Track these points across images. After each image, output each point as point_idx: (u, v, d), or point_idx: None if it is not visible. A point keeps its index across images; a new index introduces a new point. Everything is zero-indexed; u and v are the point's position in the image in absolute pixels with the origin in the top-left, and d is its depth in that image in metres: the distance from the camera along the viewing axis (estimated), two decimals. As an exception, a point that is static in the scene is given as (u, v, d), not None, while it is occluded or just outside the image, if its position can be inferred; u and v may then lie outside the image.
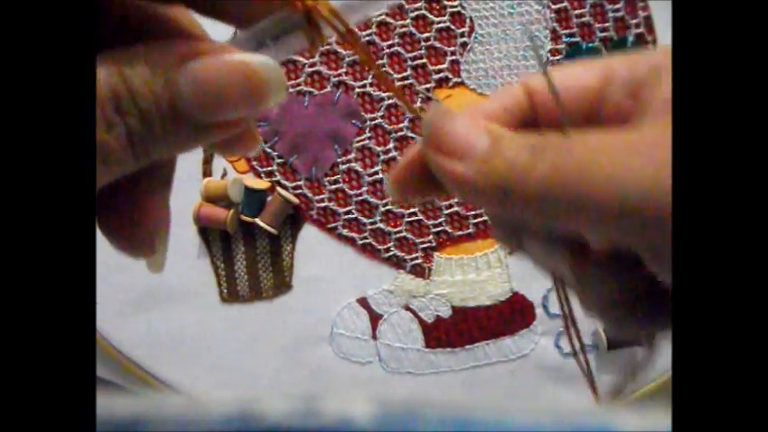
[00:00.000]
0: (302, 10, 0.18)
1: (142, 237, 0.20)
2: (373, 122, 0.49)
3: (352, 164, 0.49)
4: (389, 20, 0.49)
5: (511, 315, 0.51)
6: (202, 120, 0.17)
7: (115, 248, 0.20)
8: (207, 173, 0.49)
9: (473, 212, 0.50)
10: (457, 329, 0.50)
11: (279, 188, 0.49)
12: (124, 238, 0.20)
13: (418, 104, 0.49)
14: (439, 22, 0.49)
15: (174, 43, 0.17)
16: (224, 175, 0.49)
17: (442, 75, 0.49)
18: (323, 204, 0.49)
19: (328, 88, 0.49)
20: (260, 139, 0.21)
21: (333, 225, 0.50)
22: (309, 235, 0.50)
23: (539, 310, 0.51)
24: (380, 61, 0.49)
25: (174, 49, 0.17)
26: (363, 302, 0.50)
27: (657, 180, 0.16)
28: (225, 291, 0.50)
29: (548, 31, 0.50)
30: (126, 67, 0.16)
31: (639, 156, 0.17)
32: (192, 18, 0.19)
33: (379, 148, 0.49)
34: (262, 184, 0.49)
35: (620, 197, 0.17)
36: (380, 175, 0.49)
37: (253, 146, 0.20)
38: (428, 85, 0.49)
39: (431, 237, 0.50)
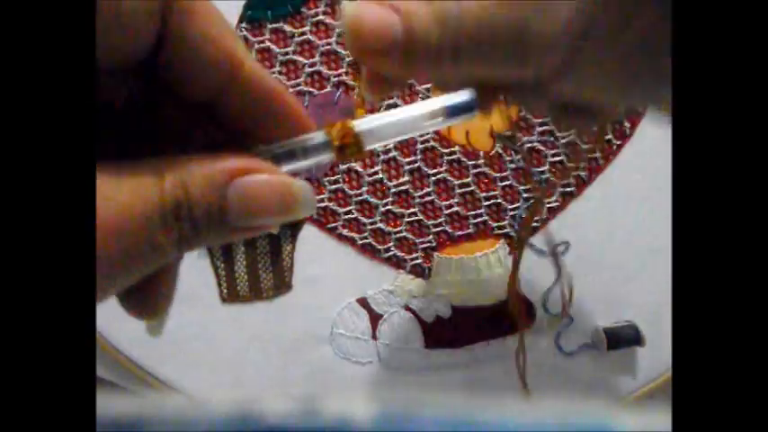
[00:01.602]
0: (336, 137, 0.22)
1: (149, 302, 0.23)
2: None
3: (352, 164, 0.49)
4: (389, 20, 0.49)
5: (511, 315, 0.51)
6: (242, 225, 0.20)
7: (121, 306, 0.22)
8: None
9: (473, 212, 0.50)
10: (457, 329, 0.50)
11: (279, 188, 0.49)
12: (132, 300, 0.22)
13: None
14: (439, 22, 0.49)
15: (225, 158, 0.20)
16: (224, 175, 0.49)
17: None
18: (323, 204, 0.49)
19: (328, 88, 0.49)
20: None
21: (333, 225, 0.50)
22: (309, 235, 0.50)
23: (539, 310, 0.51)
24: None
25: (226, 163, 0.19)
26: (363, 302, 0.50)
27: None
28: (225, 291, 0.50)
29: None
30: (188, 180, 0.19)
31: None
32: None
33: (379, 149, 0.49)
34: (262, 184, 0.49)
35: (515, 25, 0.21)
36: (380, 175, 0.49)
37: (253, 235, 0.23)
38: (428, 86, 0.49)
39: (431, 237, 0.50)
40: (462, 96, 0.23)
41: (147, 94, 0.21)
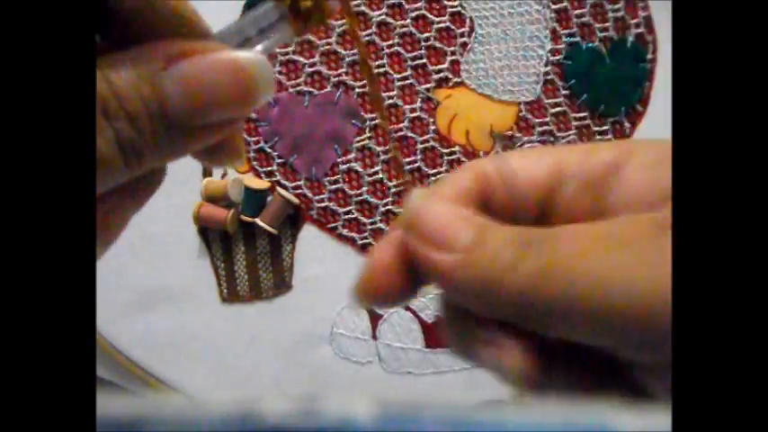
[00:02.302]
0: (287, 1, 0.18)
1: None
2: (373, 122, 0.49)
3: (352, 164, 0.49)
4: (389, 20, 0.49)
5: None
6: (192, 122, 0.17)
7: None
8: (207, 173, 0.49)
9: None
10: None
11: (279, 188, 0.49)
12: None
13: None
14: (439, 22, 0.49)
15: (159, 45, 0.17)
16: (224, 175, 0.49)
17: (441, 75, 0.49)
18: (323, 204, 0.49)
19: (328, 88, 0.49)
20: (243, 151, 0.20)
21: (333, 225, 0.50)
22: (309, 235, 0.50)
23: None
24: (381, 61, 0.49)
25: (159, 50, 0.17)
26: (363, 302, 0.50)
27: (651, 280, 0.16)
28: (225, 291, 0.50)
29: (548, 32, 0.50)
30: (111, 72, 0.16)
31: (628, 250, 0.16)
32: (189, 6, 0.19)
33: (379, 148, 0.49)
34: (262, 184, 0.49)
35: (610, 300, 0.16)
36: (380, 175, 0.49)
37: (236, 157, 0.20)
38: (428, 85, 0.49)
39: (431, 237, 0.50)
40: None
41: None
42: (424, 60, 0.49)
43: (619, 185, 0.19)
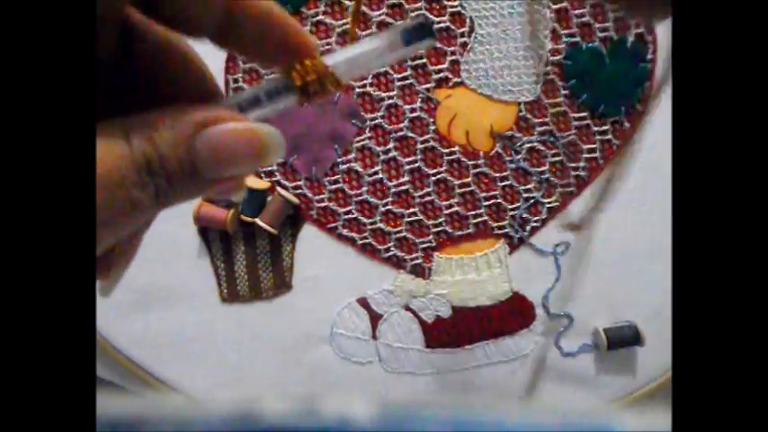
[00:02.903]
0: (297, 78, 0.22)
1: (107, 263, 0.23)
2: (373, 122, 0.49)
3: (352, 164, 0.49)
4: (389, 20, 0.49)
5: (511, 315, 0.51)
6: (215, 176, 0.20)
7: None
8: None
9: (473, 212, 0.50)
10: (457, 329, 0.50)
11: (279, 188, 0.49)
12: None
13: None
14: (439, 22, 0.49)
15: (190, 110, 0.20)
16: (224, 175, 0.49)
17: (441, 75, 0.49)
18: (323, 204, 0.49)
19: (328, 88, 0.49)
20: (244, 186, 0.24)
21: (333, 225, 0.50)
22: (309, 235, 0.50)
23: (539, 310, 0.51)
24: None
25: (192, 116, 0.20)
26: (363, 302, 0.50)
27: None
28: (225, 291, 0.50)
29: (548, 31, 0.50)
30: (155, 135, 0.19)
31: None
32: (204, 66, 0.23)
33: (379, 148, 0.49)
34: (262, 184, 0.49)
35: None
36: (380, 175, 0.49)
37: (239, 191, 0.24)
38: (428, 85, 0.49)
39: (431, 237, 0.50)
40: (417, 22, 0.22)
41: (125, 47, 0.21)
42: (424, 60, 0.49)
43: None
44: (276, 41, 0.22)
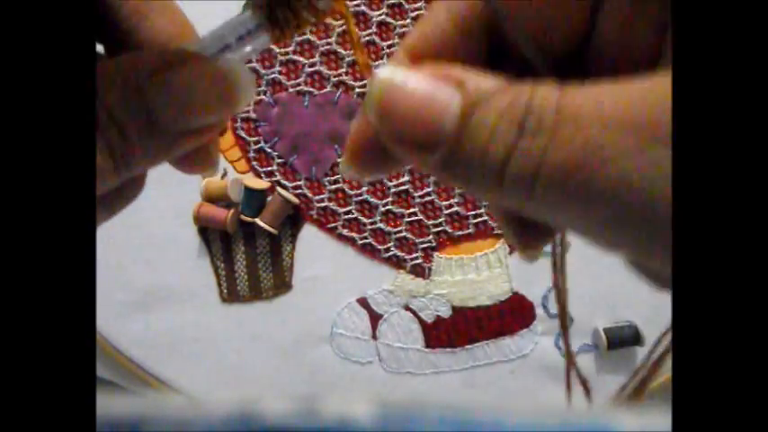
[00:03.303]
0: (265, 9, 0.18)
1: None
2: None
3: (352, 164, 0.49)
4: (389, 20, 0.49)
5: (511, 315, 0.51)
6: (176, 127, 0.17)
7: None
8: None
9: (473, 212, 0.50)
10: (457, 329, 0.50)
11: (279, 188, 0.49)
12: None
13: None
14: (439, 22, 0.49)
15: (144, 55, 0.18)
16: (224, 175, 0.49)
17: None
18: (323, 204, 0.49)
19: (328, 88, 0.49)
20: (218, 159, 0.21)
21: (333, 225, 0.50)
22: (309, 235, 0.50)
23: (539, 310, 0.51)
24: (380, 61, 0.49)
25: (144, 60, 0.17)
26: (363, 302, 0.50)
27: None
28: (225, 291, 0.50)
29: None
30: (100, 85, 0.17)
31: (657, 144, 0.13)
32: (181, 15, 0.20)
33: (379, 148, 0.49)
34: (262, 184, 0.49)
35: (629, 203, 0.14)
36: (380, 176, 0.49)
37: (211, 165, 0.21)
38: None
39: (431, 237, 0.50)
40: None
41: None
42: (424, 60, 0.49)
43: None
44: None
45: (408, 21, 0.49)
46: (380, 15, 0.48)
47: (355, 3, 0.48)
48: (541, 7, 0.16)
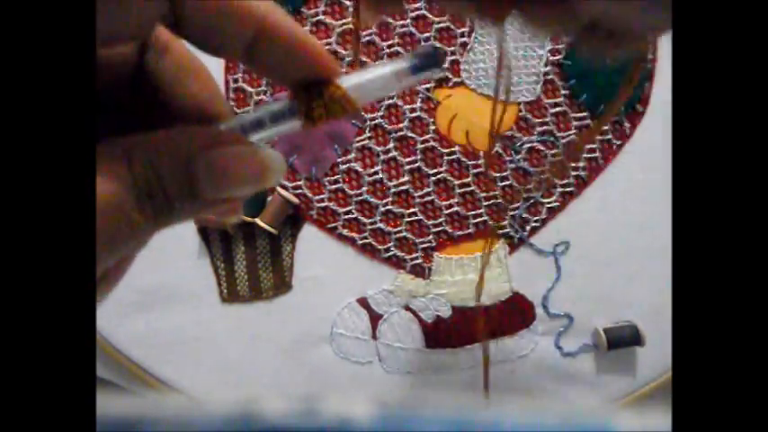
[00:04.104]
0: (303, 102, 0.21)
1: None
2: (373, 122, 0.49)
3: (352, 164, 0.49)
4: (389, 20, 0.49)
5: (511, 315, 0.51)
6: (213, 197, 0.20)
7: None
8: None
9: (473, 212, 0.50)
10: (457, 329, 0.50)
11: (279, 188, 0.49)
12: None
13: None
14: (439, 22, 0.49)
15: (192, 131, 0.20)
16: (224, 175, 0.49)
17: (441, 75, 0.49)
18: (323, 204, 0.49)
19: (328, 88, 0.49)
20: (241, 211, 0.24)
21: (333, 225, 0.50)
22: (309, 235, 0.50)
23: (539, 310, 0.51)
24: (380, 61, 0.49)
25: (193, 139, 0.20)
26: (363, 302, 0.50)
27: None
28: (225, 291, 0.50)
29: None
30: (155, 158, 0.19)
31: None
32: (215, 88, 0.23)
33: (379, 148, 0.49)
34: (262, 184, 0.49)
35: None
36: (380, 175, 0.49)
37: (235, 215, 0.24)
38: (428, 85, 0.49)
39: (431, 237, 0.50)
40: (425, 51, 0.22)
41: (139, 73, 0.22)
42: (424, 60, 0.49)
43: None
44: (299, 64, 0.22)
45: (408, 21, 0.49)
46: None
47: (355, 2, 0.48)
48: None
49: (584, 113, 0.50)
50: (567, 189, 0.51)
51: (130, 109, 0.22)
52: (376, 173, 0.49)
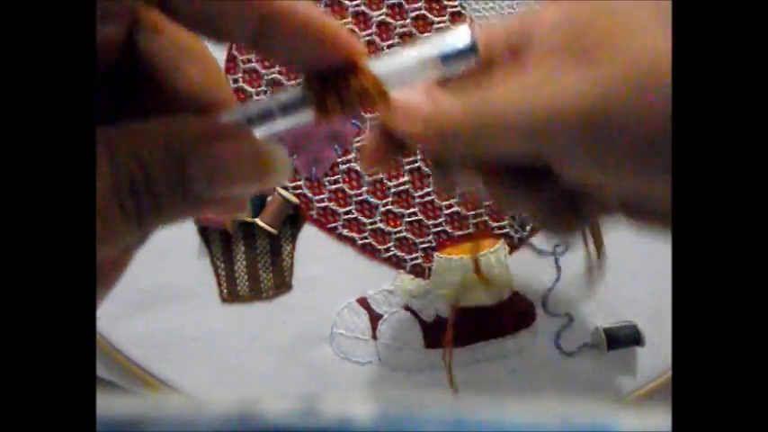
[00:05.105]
0: (317, 92, 0.19)
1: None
2: (373, 122, 0.49)
3: (352, 164, 0.49)
4: (389, 20, 0.49)
5: (511, 315, 0.51)
6: (207, 196, 0.18)
7: None
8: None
9: (473, 212, 0.50)
10: (457, 329, 0.50)
11: (279, 188, 0.49)
12: None
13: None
14: (439, 22, 0.49)
15: (187, 122, 0.18)
16: (224, 175, 0.49)
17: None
18: (323, 204, 0.49)
19: (328, 88, 0.49)
20: (247, 206, 0.23)
21: (333, 225, 0.50)
22: (309, 235, 0.50)
23: (539, 310, 0.51)
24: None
25: (188, 129, 0.18)
26: (363, 302, 0.50)
27: (545, 104, 0.22)
28: (225, 291, 0.50)
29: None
30: (143, 151, 0.17)
31: (531, 90, 0.23)
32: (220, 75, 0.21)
33: (379, 148, 0.49)
34: (262, 184, 0.49)
35: (526, 119, 0.23)
36: (381, 175, 0.49)
37: (241, 211, 0.22)
38: (428, 85, 0.49)
39: (431, 237, 0.50)
40: (460, 38, 0.19)
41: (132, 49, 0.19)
42: (424, 60, 0.49)
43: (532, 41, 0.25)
44: (314, 49, 0.19)
45: (408, 21, 0.49)
46: (380, 15, 0.48)
47: (355, 3, 0.48)
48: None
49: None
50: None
51: (121, 96, 0.20)
52: (376, 173, 0.49)
